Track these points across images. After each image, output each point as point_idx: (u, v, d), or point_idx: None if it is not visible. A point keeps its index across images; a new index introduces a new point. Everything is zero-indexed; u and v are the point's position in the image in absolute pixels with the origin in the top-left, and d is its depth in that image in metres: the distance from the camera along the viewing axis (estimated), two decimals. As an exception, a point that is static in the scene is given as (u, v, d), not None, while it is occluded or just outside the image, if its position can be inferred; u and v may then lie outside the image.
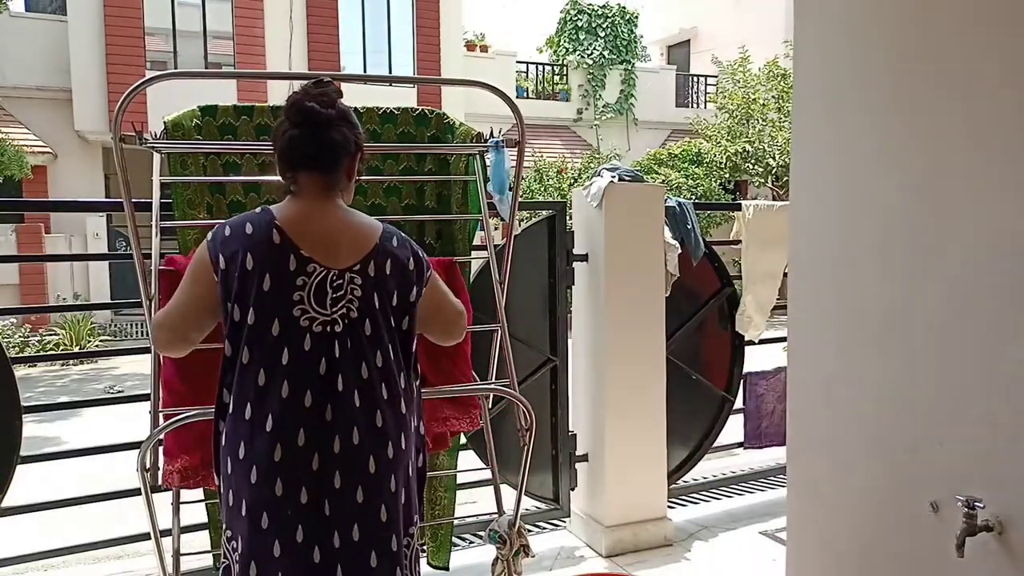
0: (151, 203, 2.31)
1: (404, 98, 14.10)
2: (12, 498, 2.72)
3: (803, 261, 2.13)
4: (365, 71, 15.94)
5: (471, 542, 3.53)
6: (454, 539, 3.50)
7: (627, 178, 3.47)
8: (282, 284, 1.59)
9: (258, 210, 1.68)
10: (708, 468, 4.53)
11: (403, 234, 1.78)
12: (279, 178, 1.72)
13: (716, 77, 17.20)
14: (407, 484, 1.72)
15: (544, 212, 3.73)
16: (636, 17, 19.42)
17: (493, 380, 2.71)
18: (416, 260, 1.75)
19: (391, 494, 1.65)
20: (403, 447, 1.68)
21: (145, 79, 2.17)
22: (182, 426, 2.11)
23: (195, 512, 2.68)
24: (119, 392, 8.19)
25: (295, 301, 1.59)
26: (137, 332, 12.89)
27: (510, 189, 2.53)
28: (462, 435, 2.83)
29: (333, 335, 1.61)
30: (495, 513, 2.59)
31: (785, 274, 3.57)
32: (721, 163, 15.06)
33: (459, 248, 2.76)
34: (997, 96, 1.60)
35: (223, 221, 1.70)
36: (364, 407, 1.62)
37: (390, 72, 15.98)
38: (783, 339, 2.77)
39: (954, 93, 1.69)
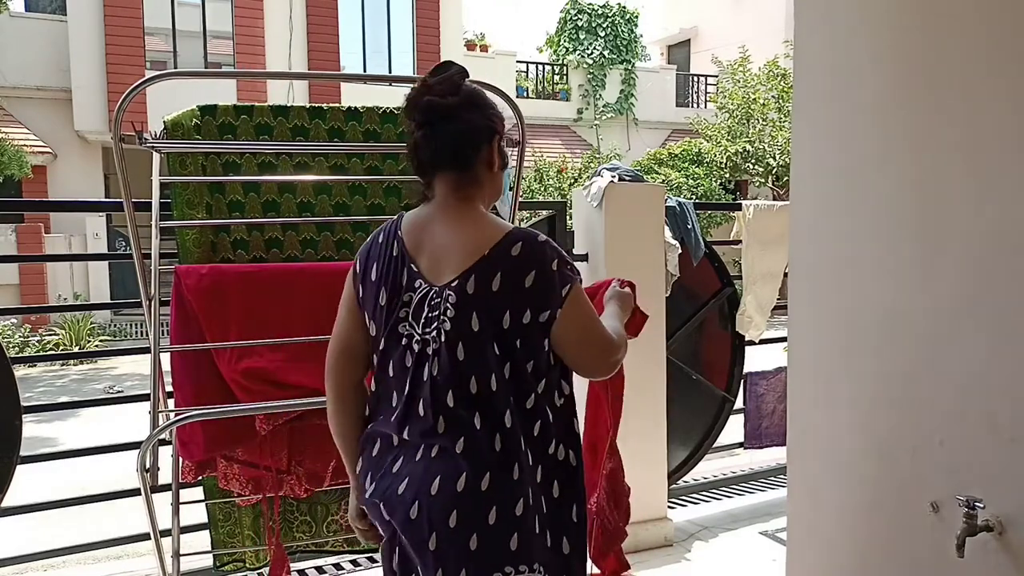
0: (151, 203, 2.31)
1: (404, 98, 14.06)
2: (12, 498, 2.72)
3: (803, 261, 2.13)
4: (365, 71, 15.93)
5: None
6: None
7: (627, 178, 3.47)
8: (392, 299, 1.50)
9: (396, 216, 1.59)
10: (708, 468, 4.53)
11: (539, 239, 1.48)
12: (280, 178, 1.66)
13: (716, 77, 17.22)
14: (486, 531, 1.41)
15: (544, 212, 3.72)
16: (636, 17, 19.43)
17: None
18: (543, 274, 1.44)
19: (448, 529, 1.40)
20: (482, 488, 1.41)
21: (145, 79, 2.16)
22: (197, 422, 2.12)
23: (195, 512, 2.68)
24: (119, 392, 8.19)
25: (401, 318, 1.49)
26: (137, 332, 12.89)
27: (510, 189, 2.53)
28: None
29: (424, 356, 1.46)
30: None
31: (785, 274, 3.57)
32: (721, 163, 15.08)
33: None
34: (998, 95, 1.60)
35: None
36: (446, 437, 1.44)
37: (390, 72, 15.98)
38: (783, 339, 2.76)
39: (954, 92, 1.69)
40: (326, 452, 2.36)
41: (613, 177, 3.43)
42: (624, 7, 19.35)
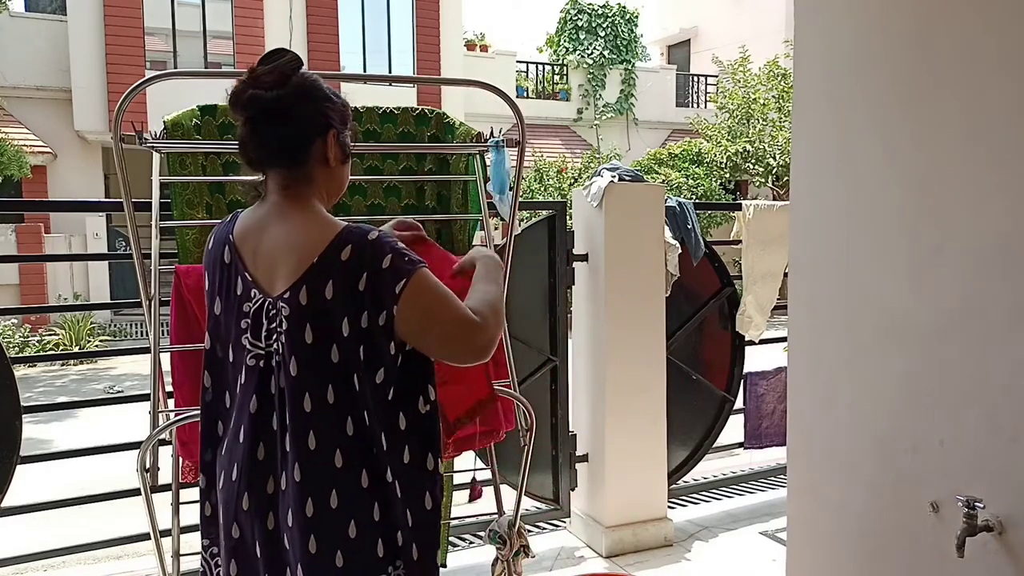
0: (151, 203, 2.31)
1: (404, 98, 14.11)
2: (12, 498, 2.72)
3: (803, 261, 2.13)
4: (365, 71, 15.95)
5: (471, 542, 3.53)
6: (454, 539, 3.50)
7: (627, 178, 3.47)
8: (229, 311, 1.42)
9: (228, 217, 1.50)
10: (708, 468, 4.53)
11: (370, 238, 1.36)
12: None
13: (716, 77, 17.23)
14: (349, 547, 1.38)
15: (544, 212, 3.73)
16: (636, 17, 19.44)
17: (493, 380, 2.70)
18: (374, 275, 1.33)
19: (309, 555, 1.36)
20: (332, 506, 1.37)
21: (145, 79, 2.16)
22: (197, 422, 2.11)
23: (195, 512, 2.67)
24: (118, 392, 8.19)
25: (242, 329, 1.40)
26: (137, 332, 12.89)
27: (510, 189, 2.53)
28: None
29: (269, 370, 1.39)
30: (495, 513, 2.59)
31: (785, 274, 3.57)
32: (721, 163, 15.09)
33: (459, 248, 2.76)
34: (998, 94, 1.60)
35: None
36: (292, 455, 1.38)
37: (390, 72, 15.99)
38: (783, 339, 2.77)
39: (955, 91, 1.69)
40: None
41: (613, 177, 3.43)
42: (624, 7, 19.35)
